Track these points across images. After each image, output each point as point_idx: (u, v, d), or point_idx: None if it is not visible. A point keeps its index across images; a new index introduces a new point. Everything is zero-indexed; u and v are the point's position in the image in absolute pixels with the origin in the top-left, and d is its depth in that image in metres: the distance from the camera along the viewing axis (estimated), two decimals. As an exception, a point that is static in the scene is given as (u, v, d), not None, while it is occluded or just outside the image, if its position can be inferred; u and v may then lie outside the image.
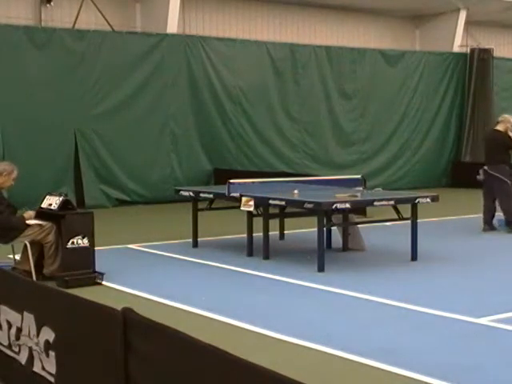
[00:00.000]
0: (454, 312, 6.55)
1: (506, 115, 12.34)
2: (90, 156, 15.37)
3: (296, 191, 9.31)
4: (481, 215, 11.78)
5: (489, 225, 11.61)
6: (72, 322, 3.85)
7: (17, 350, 4.39)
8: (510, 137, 11.82)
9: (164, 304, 7.01)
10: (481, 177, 11.73)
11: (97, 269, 7.92)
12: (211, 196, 10.00)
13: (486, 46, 21.20)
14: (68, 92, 14.99)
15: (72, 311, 3.88)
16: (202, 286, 7.89)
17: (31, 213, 8.03)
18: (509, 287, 7.79)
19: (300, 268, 8.63)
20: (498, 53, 21.46)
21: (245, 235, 9.59)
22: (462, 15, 20.96)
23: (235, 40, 17.61)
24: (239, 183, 9.63)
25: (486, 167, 11.64)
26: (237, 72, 17.28)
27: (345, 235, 9.88)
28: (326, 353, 5.46)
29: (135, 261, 9.38)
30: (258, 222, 9.26)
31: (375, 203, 8.87)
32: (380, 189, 13.92)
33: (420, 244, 9.12)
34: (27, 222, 7.91)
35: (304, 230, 10.82)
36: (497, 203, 11.65)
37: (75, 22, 15.74)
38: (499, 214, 11.69)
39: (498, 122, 12.14)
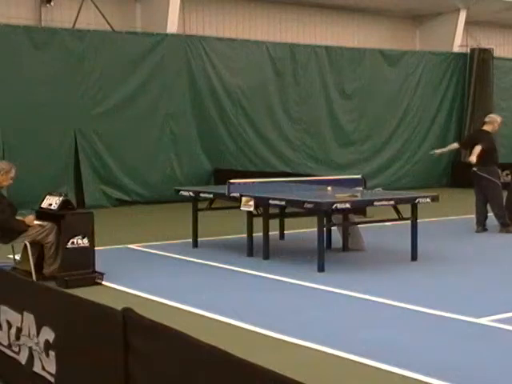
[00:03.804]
0: (454, 312, 6.55)
1: (493, 115, 12.19)
2: (90, 156, 15.37)
3: (329, 188, 9.38)
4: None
5: (482, 225, 11.57)
6: (72, 322, 3.85)
7: (17, 350, 4.39)
8: (491, 138, 11.67)
9: (164, 304, 7.01)
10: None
11: (97, 269, 7.92)
12: (211, 196, 10.00)
13: (486, 46, 21.21)
14: (68, 92, 14.99)
15: (72, 311, 3.88)
16: (201, 285, 7.89)
17: (32, 217, 8.01)
18: (509, 287, 7.78)
19: (300, 268, 8.63)
20: (498, 53, 21.47)
21: (245, 235, 9.59)
22: (462, 15, 20.96)
23: (235, 40, 17.62)
24: (239, 183, 9.63)
25: (474, 169, 11.49)
26: (237, 72, 17.28)
27: (345, 235, 9.88)
28: (326, 353, 5.46)
29: (135, 261, 9.38)
30: (258, 222, 9.26)
31: (375, 203, 8.87)
32: (380, 189, 13.90)
33: (420, 244, 9.12)
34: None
35: (304, 230, 10.82)
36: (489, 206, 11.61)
37: (75, 22, 15.75)
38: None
39: (484, 123, 11.91)
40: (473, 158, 11.16)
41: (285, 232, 10.80)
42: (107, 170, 15.62)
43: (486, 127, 11.77)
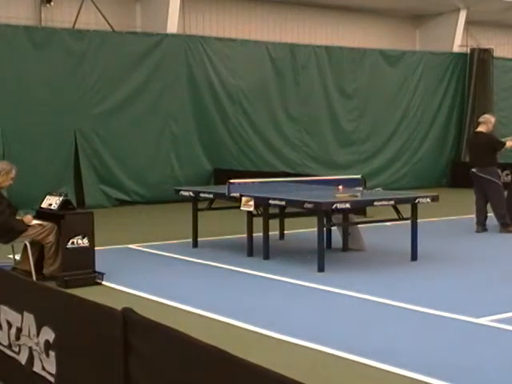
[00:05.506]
0: (453, 312, 6.55)
1: (487, 115, 12.20)
2: (90, 156, 15.36)
3: (340, 187, 9.44)
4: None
5: (482, 225, 11.57)
6: (72, 322, 3.85)
7: (17, 349, 4.39)
8: (494, 137, 11.74)
9: (164, 304, 7.01)
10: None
11: (97, 269, 7.92)
12: (211, 196, 10.00)
13: (486, 46, 21.21)
14: (68, 92, 14.99)
15: (72, 311, 3.88)
16: (202, 286, 7.89)
17: (30, 217, 8.02)
18: (509, 287, 7.78)
19: (300, 268, 8.63)
20: (498, 53, 21.46)
21: (245, 235, 9.59)
22: (462, 15, 20.96)
23: (235, 40, 17.62)
24: (239, 183, 9.63)
25: (474, 170, 11.50)
26: (237, 72, 17.28)
27: (345, 235, 9.88)
28: (326, 353, 5.46)
29: (135, 261, 9.38)
30: (258, 222, 9.26)
31: (375, 203, 8.87)
32: (380, 189, 13.91)
33: (420, 244, 9.12)
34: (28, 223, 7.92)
35: (304, 230, 10.82)
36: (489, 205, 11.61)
37: (75, 22, 15.74)
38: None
39: (479, 124, 11.94)
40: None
41: (285, 232, 10.80)
42: (107, 170, 15.61)
43: (480, 128, 11.80)
